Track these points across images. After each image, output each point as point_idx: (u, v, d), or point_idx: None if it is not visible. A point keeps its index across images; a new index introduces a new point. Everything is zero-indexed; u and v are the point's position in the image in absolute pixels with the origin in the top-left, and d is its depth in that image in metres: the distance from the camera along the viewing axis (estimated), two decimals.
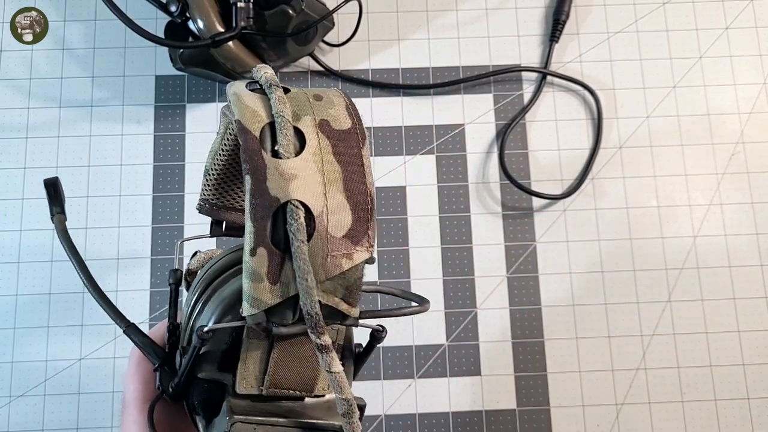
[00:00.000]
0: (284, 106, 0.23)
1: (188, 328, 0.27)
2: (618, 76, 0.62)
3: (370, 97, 0.61)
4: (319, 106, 0.24)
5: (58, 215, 0.33)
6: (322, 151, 0.23)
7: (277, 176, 0.21)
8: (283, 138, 0.22)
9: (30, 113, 0.59)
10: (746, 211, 0.59)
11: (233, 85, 0.25)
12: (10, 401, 0.54)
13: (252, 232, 0.21)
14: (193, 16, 0.53)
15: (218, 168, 0.30)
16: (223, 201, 0.32)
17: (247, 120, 0.22)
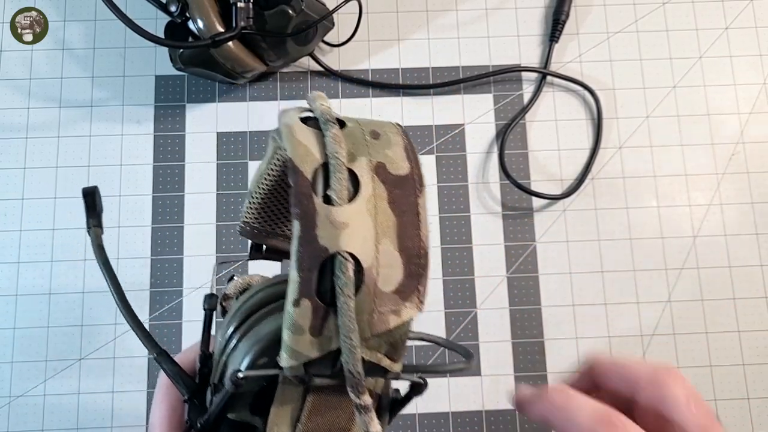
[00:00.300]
0: (340, 146, 0.21)
1: (221, 363, 0.26)
2: (618, 76, 0.62)
3: (370, 97, 0.61)
4: (375, 145, 0.22)
5: (94, 228, 0.31)
6: (377, 198, 0.21)
7: (328, 224, 0.20)
8: (336, 182, 0.21)
9: (30, 113, 0.59)
10: (746, 211, 0.59)
11: (286, 115, 0.23)
12: (10, 401, 0.54)
13: (297, 282, 0.20)
14: (192, 16, 0.53)
15: (263, 192, 0.28)
16: (265, 226, 0.30)
17: (300, 159, 0.21)
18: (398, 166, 0.22)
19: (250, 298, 0.27)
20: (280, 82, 0.60)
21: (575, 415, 0.23)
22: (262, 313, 0.26)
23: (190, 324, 0.56)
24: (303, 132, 0.22)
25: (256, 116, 0.60)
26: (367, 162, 0.21)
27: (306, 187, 0.20)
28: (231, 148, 0.59)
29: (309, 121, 0.23)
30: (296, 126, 0.22)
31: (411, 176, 0.22)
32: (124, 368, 0.55)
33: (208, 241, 0.57)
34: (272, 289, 0.27)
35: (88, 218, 0.31)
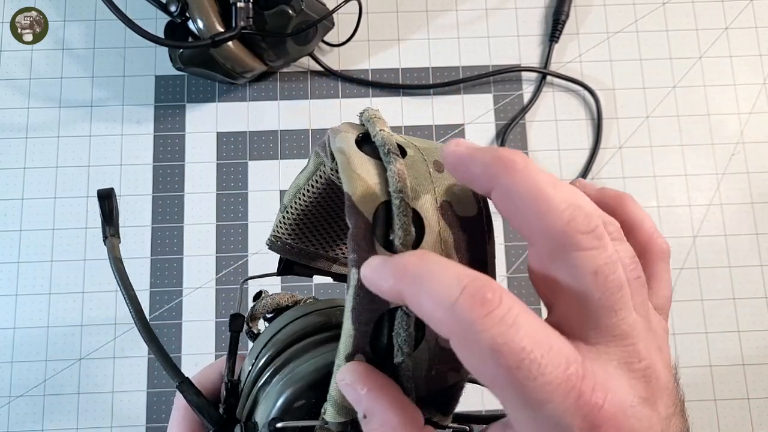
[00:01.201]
0: (404, 184, 0.19)
1: (251, 396, 0.25)
2: (618, 76, 0.62)
3: (370, 97, 0.61)
4: (440, 180, 0.20)
5: (111, 238, 0.28)
6: (443, 243, 0.19)
7: None
8: (400, 227, 0.18)
9: (30, 113, 0.59)
10: (746, 211, 0.59)
11: (340, 137, 0.20)
12: (10, 401, 0.54)
13: (351, 336, 0.18)
14: (192, 16, 0.53)
15: (299, 208, 0.26)
16: (297, 242, 0.28)
17: (359, 198, 0.18)
18: (466, 205, 0.20)
19: (284, 327, 0.25)
20: (280, 82, 0.60)
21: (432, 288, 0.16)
22: (299, 348, 0.24)
23: (189, 324, 0.56)
24: (362, 163, 0.19)
25: (256, 116, 0.60)
26: (432, 200, 0.19)
27: (366, 230, 0.18)
28: (231, 148, 0.59)
29: (364, 145, 0.20)
30: (354, 155, 0.20)
31: (479, 218, 0.20)
32: (124, 368, 0.55)
33: (208, 241, 0.57)
34: (308, 319, 0.25)
35: (104, 226, 0.29)
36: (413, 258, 0.17)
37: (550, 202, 0.16)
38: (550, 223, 0.16)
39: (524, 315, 0.16)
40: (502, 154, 0.17)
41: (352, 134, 0.21)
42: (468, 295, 0.15)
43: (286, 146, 0.59)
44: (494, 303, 0.15)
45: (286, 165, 0.59)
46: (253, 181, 0.58)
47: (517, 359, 0.15)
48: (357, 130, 0.21)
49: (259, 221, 0.58)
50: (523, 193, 0.17)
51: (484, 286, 0.16)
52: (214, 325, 0.56)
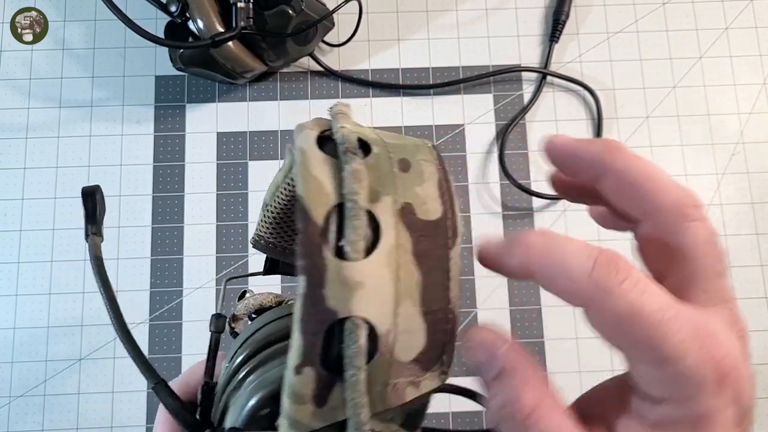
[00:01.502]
0: (359, 185, 0.18)
1: (222, 400, 0.24)
2: (618, 76, 0.62)
3: (370, 97, 0.61)
4: (404, 180, 0.19)
5: (93, 236, 0.27)
6: (400, 249, 0.18)
7: (339, 283, 0.17)
8: (352, 232, 0.17)
9: (30, 113, 0.59)
10: (746, 212, 0.59)
11: (302, 134, 0.19)
12: (10, 401, 0.54)
13: (299, 348, 0.17)
14: (192, 16, 0.53)
15: (278, 206, 0.25)
16: (281, 241, 0.27)
17: (311, 198, 0.17)
18: (428, 208, 0.18)
19: (261, 328, 0.25)
20: (280, 82, 0.60)
21: (565, 261, 0.17)
22: (271, 351, 0.24)
23: (190, 324, 0.56)
24: (318, 163, 0.18)
25: (256, 116, 0.60)
26: (392, 203, 0.18)
27: (315, 235, 0.17)
28: (231, 149, 0.59)
29: (328, 144, 0.19)
30: (311, 153, 0.18)
31: (443, 222, 0.18)
32: (124, 368, 0.55)
33: (208, 241, 0.57)
34: (286, 321, 0.24)
35: (86, 224, 0.28)
36: (538, 235, 0.18)
37: (664, 180, 0.19)
38: (666, 199, 0.19)
39: (651, 282, 0.17)
40: (610, 142, 0.19)
41: (315, 131, 0.20)
42: (603, 264, 0.17)
43: (286, 146, 0.59)
44: (627, 271, 0.17)
45: None
46: (253, 181, 0.58)
47: (656, 319, 0.16)
48: (323, 126, 0.20)
49: None
50: (639, 174, 0.19)
51: (614, 255, 0.17)
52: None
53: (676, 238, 0.19)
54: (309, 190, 0.18)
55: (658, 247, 0.19)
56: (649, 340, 0.16)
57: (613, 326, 0.17)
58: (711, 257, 0.18)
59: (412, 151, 0.20)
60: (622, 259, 0.17)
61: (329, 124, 0.20)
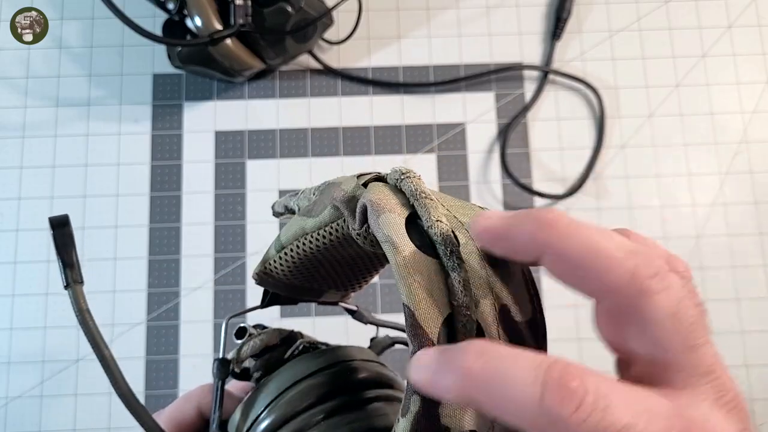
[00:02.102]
0: (470, 297, 0.17)
1: None
2: (621, 75, 0.61)
3: (371, 95, 0.60)
4: (496, 278, 0.18)
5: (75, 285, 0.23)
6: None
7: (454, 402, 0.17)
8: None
9: (27, 112, 0.58)
10: (749, 211, 0.59)
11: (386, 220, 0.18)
12: (8, 402, 0.53)
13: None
14: (190, 14, 0.52)
15: (302, 252, 0.24)
16: (291, 279, 0.26)
17: (423, 314, 0.17)
18: (521, 307, 0.18)
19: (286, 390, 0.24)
20: (279, 80, 0.60)
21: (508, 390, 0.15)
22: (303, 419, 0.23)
23: (187, 325, 0.55)
24: (419, 266, 0.17)
25: (255, 115, 0.59)
26: (491, 307, 0.17)
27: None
28: (229, 147, 0.59)
29: (412, 230, 0.18)
30: (409, 254, 0.18)
31: (535, 321, 0.18)
32: (121, 369, 0.54)
33: (205, 241, 0.57)
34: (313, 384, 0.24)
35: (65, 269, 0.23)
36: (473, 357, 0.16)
37: (610, 255, 0.16)
38: (615, 277, 0.16)
39: (612, 390, 0.15)
40: (542, 216, 0.17)
41: (400, 216, 0.19)
42: (553, 391, 0.14)
43: (285, 145, 0.59)
44: (581, 390, 0.14)
45: (285, 164, 0.58)
46: (251, 180, 0.58)
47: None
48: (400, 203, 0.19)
49: (258, 221, 0.57)
50: (579, 254, 0.16)
51: (564, 374, 0.15)
52: (212, 326, 0.55)
53: (636, 317, 0.16)
54: (419, 303, 0.17)
55: (616, 329, 0.17)
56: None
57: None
58: (680, 332, 0.16)
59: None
60: (572, 374, 0.14)
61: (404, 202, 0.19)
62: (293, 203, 0.25)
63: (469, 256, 0.18)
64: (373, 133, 0.59)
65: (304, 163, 0.58)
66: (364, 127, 0.59)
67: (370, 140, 0.59)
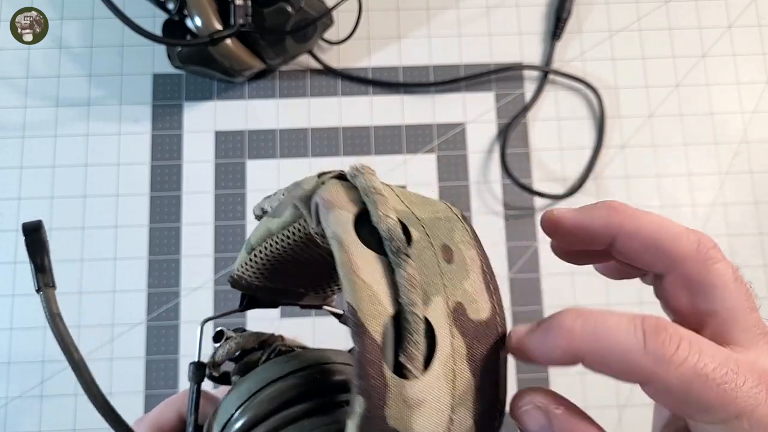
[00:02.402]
0: (416, 293, 0.17)
1: None
2: (621, 75, 0.61)
3: (371, 95, 0.60)
4: (451, 274, 0.18)
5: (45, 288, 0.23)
6: (455, 356, 0.17)
7: (400, 403, 0.16)
8: (413, 347, 0.16)
9: (27, 112, 0.58)
10: (750, 211, 0.59)
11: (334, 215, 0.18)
12: (7, 402, 0.53)
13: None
14: (190, 14, 0.52)
15: (269, 254, 0.24)
16: (264, 281, 0.26)
17: (366, 311, 0.16)
18: (479, 306, 0.18)
19: (259, 390, 0.23)
20: (278, 80, 0.60)
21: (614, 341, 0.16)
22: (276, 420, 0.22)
23: (187, 325, 0.55)
24: (365, 262, 0.17)
25: (255, 115, 0.59)
26: (444, 305, 0.17)
27: (374, 352, 0.16)
28: (229, 147, 0.59)
29: (363, 228, 0.18)
30: (355, 250, 0.17)
31: (493, 321, 0.18)
32: (122, 370, 0.54)
33: (205, 241, 0.57)
34: (287, 385, 0.23)
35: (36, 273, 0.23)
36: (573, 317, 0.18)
37: (677, 230, 0.19)
38: (684, 247, 0.19)
39: (700, 339, 0.17)
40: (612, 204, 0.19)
41: (349, 212, 0.18)
42: (653, 335, 0.16)
43: (285, 145, 0.59)
44: (678, 335, 0.16)
45: (285, 164, 0.58)
46: (251, 180, 0.58)
47: (721, 376, 0.16)
48: (351, 200, 0.19)
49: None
50: (651, 230, 0.19)
51: (658, 323, 0.17)
52: (212, 326, 0.55)
53: (705, 283, 0.18)
54: (362, 300, 0.16)
55: (687, 296, 0.19)
56: (720, 400, 0.16)
57: (681, 396, 0.16)
58: (742, 295, 0.18)
59: (448, 229, 0.19)
60: (667, 323, 0.17)
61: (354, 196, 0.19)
62: (267, 204, 0.24)
63: (423, 254, 0.18)
64: (373, 133, 0.59)
65: (304, 163, 0.58)
66: (364, 127, 0.59)
67: (370, 140, 0.59)
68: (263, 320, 0.54)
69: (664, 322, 0.17)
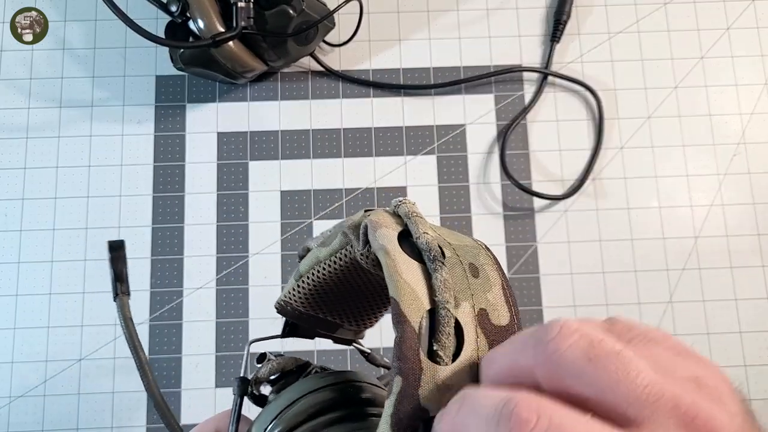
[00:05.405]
0: (450, 294, 0.20)
1: None
2: (619, 77, 0.61)
3: (371, 97, 0.60)
4: (477, 286, 0.20)
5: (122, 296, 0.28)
6: (480, 351, 0.20)
7: (432, 385, 0.19)
8: (445, 338, 0.19)
9: (30, 113, 0.59)
10: (748, 212, 0.59)
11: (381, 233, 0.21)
12: (10, 401, 0.54)
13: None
14: (193, 16, 0.53)
15: (316, 280, 0.27)
16: (308, 309, 0.29)
17: (407, 305, 0.19)
18: (499, 314, 0.20)
19: (294, 403, 0.25)
20: (280, 82, 0.60)
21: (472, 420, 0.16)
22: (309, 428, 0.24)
23: (189, 324, 0.55)
24: (407, 267, 0.20)
25: (257, 116, 0.60)
26: (471, 309, 0.20)
27: (413, 340, 0.19)
28: (231, 149, 0.59)
29: (404, 243, 0.21)
30: (399, 258, 0.20)
31: (511, 327, 0.20)
32: (124, 368, 0.55)
33: (208, 242, 0.57)
34: (319, 396, 0.25)
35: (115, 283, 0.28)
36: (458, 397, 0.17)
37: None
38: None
39: (566, 419, 0.15)
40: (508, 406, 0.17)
41: (393, 230, 0.21)
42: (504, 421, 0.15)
43: (286, 146, 0.59)
44: (531, 420, 0.15)
45: (287, 165, 0.59)
46: (253, 181, 0.58)
47: None
48: (395, 222, 0.22)
49: (260, 222, 0.58)
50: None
51: (519, 405, 0.15)
52: (214, 325, 0.56)
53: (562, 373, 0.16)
54: (404, 296, 0.19)
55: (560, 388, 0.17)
56: None
57: None
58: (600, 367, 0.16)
59: (474, 253, 0.22)
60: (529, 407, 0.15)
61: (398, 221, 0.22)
62: (312, 243, 0.27)
63: (453, 268, 0.20)
64: (374, 134, 0.60)
65: (306, 164, 0.59)
66: (365, 128, 0.60)
67: (371, 142, 0.59)
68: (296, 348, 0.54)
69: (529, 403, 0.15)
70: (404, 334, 0.19)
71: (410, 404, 0.18)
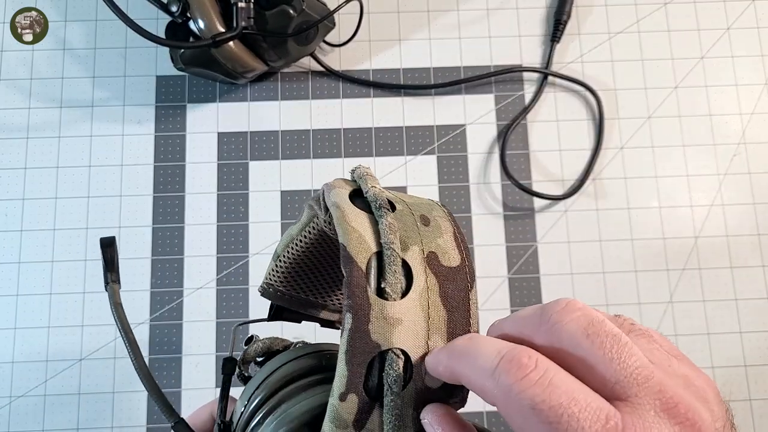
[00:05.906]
0: (395, 236, 0.21)
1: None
2: (619, 77, 0.61)
3: (371, 97, 0.60)
4: (427, 233, 0.22)
5: (113, 284, 0.30)
6: (429, 291, 0.21)
7: (381, 320, 0.20)
8: (391, 275, 0.20)
9: (31, 113, 0.59)
10: (748, 212, 0.59)
11: (334, 192, 0.22)
12: (11, 401, 0.54)
13: (345, 376, 0.20)
14: (193, 17, 0.53)
15: (292, 257, 0.28)
16: (290, 289, 0.30)
17: (353, 247, 0.20)
18: (450, 256, 0.21)
19: (275, 370, 0.26)
20: (281, 82, 0.60)
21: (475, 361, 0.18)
22: (290, 390, 0.25)
23: (190, 324, 0.56)
24: (356, 216, 0.21)
25: (257, 116, 0.60)
26: (420, 252, 0.21)
27: (360, 278, 0.20)
28: (232, 149, 0.59)
29: (357, 200, 0.22)
30: (348, 209, 0.21)
31: (462, 268, 0.21)
32: (124, 368, 0.55)
33: (208, 242, 0.57)
34: (299, 363, 0.26)
35: (106, 273, 0.30)
36: (462, 340, 0.19)
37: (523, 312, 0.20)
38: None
39: (560, 375, 0.16)
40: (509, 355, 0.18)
41: (346, 189, 0.23)
42: (506, 362, 0.17)
43: (287, 146, 0.59)
44: (530, 366, 0.16)
45: (287, 165, 0.59)
46: (253, 181, 0.58)
47: (557, 414, 0.15)
48: (350, 185, 0.23)
49: (260, 222, 0.58)
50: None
51: (520, 352, 0.17)
52: (214, 325, 0.56)
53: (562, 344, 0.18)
54: (351, 239, 0.20)
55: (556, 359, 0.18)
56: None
57: (520, 423, 0.16)
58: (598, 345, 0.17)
59: (428, 207, 0.23)
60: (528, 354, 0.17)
61: (353, 185, 0.23)
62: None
63: (404, 217, 0.22)
64: (374, 134, 0.60)
65: (306, 164, 0.59)
66: (366, 128, 0.60)
67: (371, 142, 0.59)
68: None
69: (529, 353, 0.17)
70: (352, 273, 0.20)
71: (361, 339, 0.19)
